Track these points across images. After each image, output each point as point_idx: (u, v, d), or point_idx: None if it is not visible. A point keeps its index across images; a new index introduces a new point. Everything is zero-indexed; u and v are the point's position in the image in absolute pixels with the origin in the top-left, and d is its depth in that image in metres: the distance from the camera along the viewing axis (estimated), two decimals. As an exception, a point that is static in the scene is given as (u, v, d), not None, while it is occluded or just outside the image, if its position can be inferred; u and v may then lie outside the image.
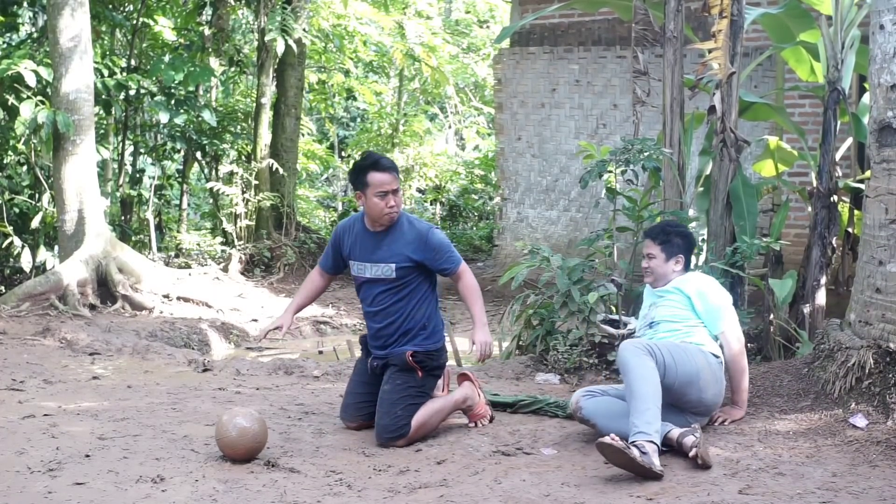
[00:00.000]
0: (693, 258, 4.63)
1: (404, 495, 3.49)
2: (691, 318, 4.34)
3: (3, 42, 10.93)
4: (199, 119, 10.99)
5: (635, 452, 3.58)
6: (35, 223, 9.06)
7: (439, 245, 4.44)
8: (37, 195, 9.57)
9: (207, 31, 11.23)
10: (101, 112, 10.25)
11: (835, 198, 6.23)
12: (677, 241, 4.47)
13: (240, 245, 11.00)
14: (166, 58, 10.74)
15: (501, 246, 10.69)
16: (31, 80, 8.30)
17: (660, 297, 4.46)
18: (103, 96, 9.60)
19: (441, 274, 4.51)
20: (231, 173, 11.36)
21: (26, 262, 9.08)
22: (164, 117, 10.21)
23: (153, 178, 11.66)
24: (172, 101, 10.27)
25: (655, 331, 4.36)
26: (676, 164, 6.24)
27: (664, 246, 4.46)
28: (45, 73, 8.36)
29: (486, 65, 15.95)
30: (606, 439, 3.63)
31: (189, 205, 13.39)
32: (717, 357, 4.28)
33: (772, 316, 6.03)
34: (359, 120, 17.91)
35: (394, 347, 4.42)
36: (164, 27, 11.62)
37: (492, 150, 14.96)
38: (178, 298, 8.51)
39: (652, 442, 3.71)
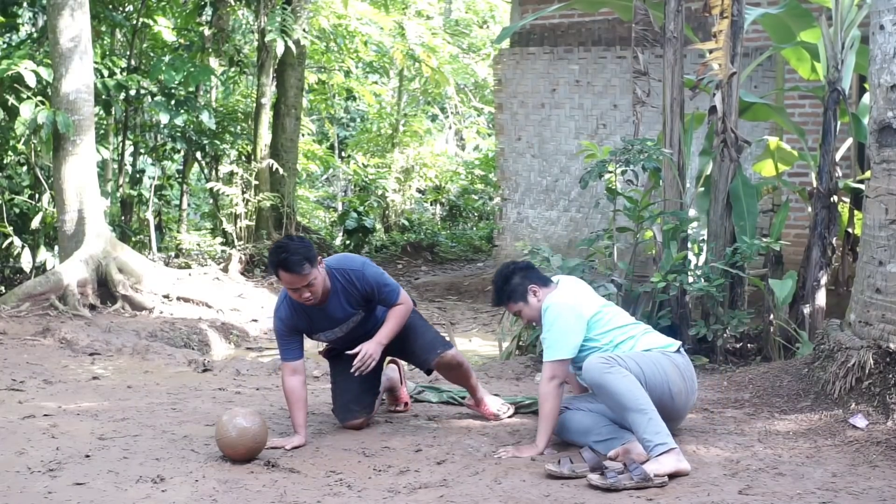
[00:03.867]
0: (539, 271, 4.39)
1: (404, 495, 3.49)
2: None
3: (3, 42, 10.93)
4: (199, 119, 11.00)
5: (594, 477, 3.53)
6: (35, 223, 9.07)
7: (377, 284, 4.36)
8: (37, 195, 9.57)
9: (207, 32, 11.24)
10: (101, 112, 10.25)
11: (835, 198, 6.23)
12: (514, 282, 4.23)
13: (240, 245, 11.00)
14: (166, 58, 10.74)
15: (501, 246, 10.69)
16: (31, 81, 8.31)
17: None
18: (103, 96, 9.61)
19: (384, 305, 4.44)
20: (231, 173, 11.37)
21: (26, 262, 9.09)
22: (164, 118, 10.21)
23: (153, 178, 11.67)
24: (172, 102, 10.28)
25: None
26: (676, 164, 6.24)
27: (513, 298, 4.25)
28: (45, 74, 8.36)
29: (486, 65, 15.96)
30: (552, 468, 3.65)
31: (189, 205, 13.40)
32: (678, 352, 4.10)
33: (772, 316, 6.03)
34: (359, 120, 17.91)
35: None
36: (164, 27, 11.62)
37: (492, 150, 14.97)
38: (178, 298, 8.50)
39: (672, 450, 3.68)
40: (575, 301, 4.14)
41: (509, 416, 4.52)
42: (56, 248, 8.82)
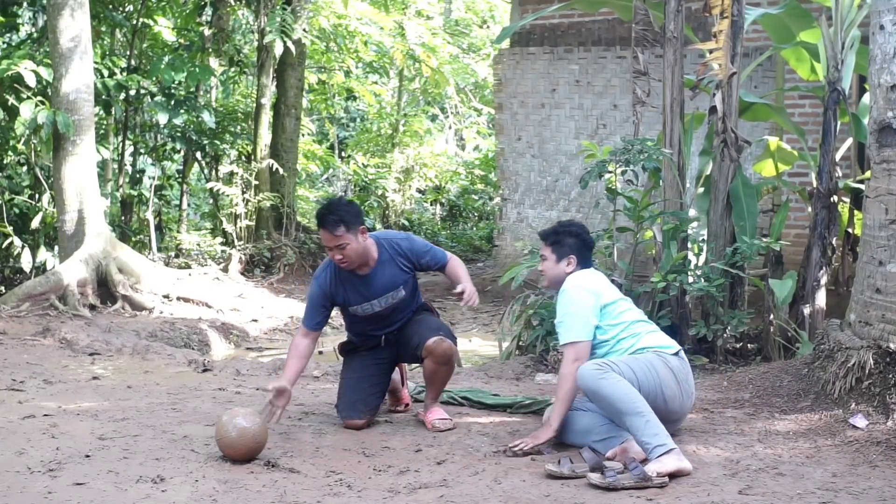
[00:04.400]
0: (591, 257, 4.44)
1: (404, 495, 3.49)
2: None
3: (3, 42, 10.93)
4: (199, 119, 10.99)
5: (594, 477, 3.54)
6: (35, 223, 9.07)
7: (424, 247, 4.55)
8: (37, 195, 9.57)
9: (207, 32, 11.24)
10: (101, 112, 10.25)
11: (835, 198, 6.23)
12: (569, 241, 4.28)
13: (240, 245, 11.00)
14: (166, 58, 10.74)
15: (501, 246, 10.69)
16: (31, 80, 8.30)
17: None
18: (103, 96, 9.61)
19: (432, 270, 4.65)
20: (231, 173, 11.37)
21: (26, 262, 9.08)
22: (163, 118, 10.21)
23: (153, 178, 11.67)
24: (172, 102, 10.27)
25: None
26: (676, 164, 6.24)
27: (555, 247, 4.29)
28: (45, 73, 8.36)
29: (486, 65, 15.96)
30: (552, 468, 3.66)
31: (189, 205, 13.39)
32: (676, 354, 4.10)
33: (772, 316, 6.03)
34: (359, 120, 17.91)
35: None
36: (164, 27, 11.62)
37: (492, 150, 14.96)
38: (178, 298, 8.51)
39: (672, 450, 3.68)
40: (593, 285, 4.18)
41: (446, 430, 4.41)
42: (56, 248, 8.82)
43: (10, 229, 9.01)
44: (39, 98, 8.32)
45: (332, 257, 4.34)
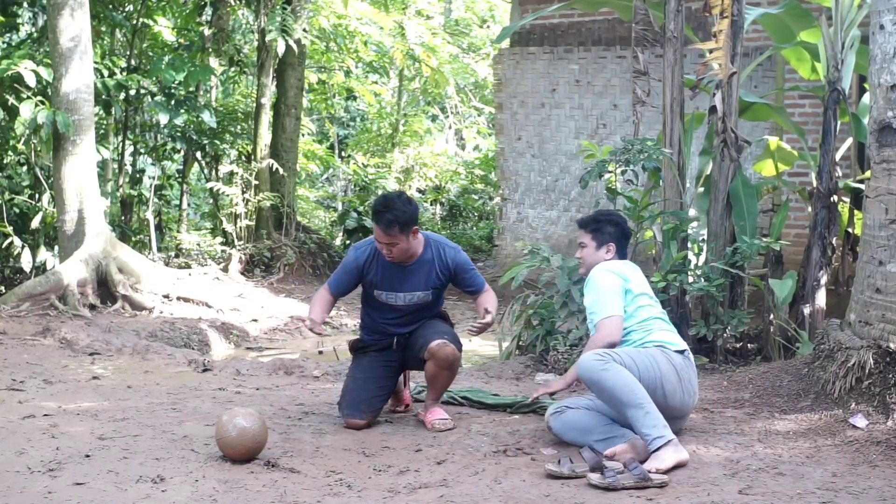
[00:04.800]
0: (627, 248, 4.51)
1: (404, 495, 3.49)
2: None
3: (3, 42, 10.93)
4: (199, 119, 10.99)
5: (594, 477, 3.54)
6: (35, 223, 9.07)
7: (466, 265, 4.62)
8: (37, 195, 9.57)
9: (207, 32, 11.23)
10: (101, 112, 10.25)
11: (835, 198, 6.23)
12: (608, 229, 4.35)
13: (240, 245, 11.00)
14: (166, 58, 10.74)
15: (501, 246, 10.69)
16: (31, 80, 8.30)
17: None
18: (103, 96, 9.61)
19: (465, 291, 4.73)
20: (231, 173, 11.36)
21: (26, 262, 9.08)
22: (163, 118, 10.21)
23: (153, 178, 11.67)
24: (172, 102, 10.27)
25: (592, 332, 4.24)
26: (676, 164, 6.24)
27: (595, 234, 4.36)
28: (45, 73, 8.36)
29: (486, 65, 15.96)
30: (552, 468, 3.66)
31: (189, 205, 13.39)
32: (681, 352, 4.11)
33: (772, 316, 6.03)
34: (359, 120, 17.91)
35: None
36: (164, 27, 11.62)
37: (492, 150, 14.97)
38: (178, 298, 8.50)
39: (669, 442, 3.71)
40: (619, 269, 4.23)
41: (448, 429, 4.43)
42: (56, 248, 8.82)
43: (10, 229, 9.01)
44: (39, 98, 8.32)
45: (379, 248, 4.40)
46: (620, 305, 4.12)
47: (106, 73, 9.59)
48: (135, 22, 10.97)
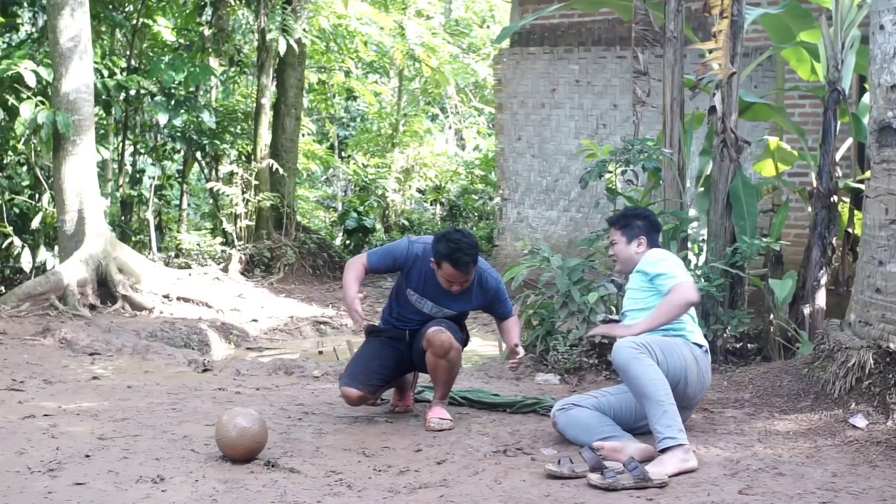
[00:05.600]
0: (659, 239, 4.58)
1: (404, 495, 3.49)
2: (654, 299, 4.23)
3: (3, 42, 10.93)
4: (199, 119, 10.99)
5: (594, 477, 3.55)
6: (35, 223, 9.07)
7: (503, 297, 4.68)
8: (37, 195, 9.57)
9: (207, 32, 11.23)
10: (101, 112, 10.25)
11: (835, 198, 6.23)
12: (637, 223, 4.43)
13: (240, 245, 11.00)
14: (166, 58, 10.74)
15: (501, 246, 10.69)
16: (31, 80, 8.30)
17: (628, 284, 4.45)
18: (103, 97, 9.61)
19: (494, 316, 4.78)
20: (231, 173, 11.36)
21: (26, 262, 9.08)
22: (163, 118, 10.21)
23: (153, 178, 11.67)
24: (172, 102, 10.27)
25: (626, 320, 4.33)
26: (676, 164, 6.24)
27: (624, 230, 4.44)
28: (45, 73, 8.36)
29: (486, 65, 15.96)
30: (552, 468, 3.66)
31: (189, 205, 13.39)
32: (701, 346, 4.21)
33: (772, 316, 6.03)
34: (359, 120, 17.91)
35: None
36: (164, 27, 11.62)
37: (492, 150, 14.97)
38: (178, 298, 8.50)
39: (680, 445, 3.72)
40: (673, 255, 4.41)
41: (445, 429, 4.44)
42: (56, 248, 8.82)
43: (10, 229, 9.01)
44: (39, 98, 8.32)
45: (448, 287, 4.46)
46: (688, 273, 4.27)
47: (106, 73, 9.59)
48: (135, 22, 10.97)
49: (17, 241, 8.99)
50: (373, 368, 4.58)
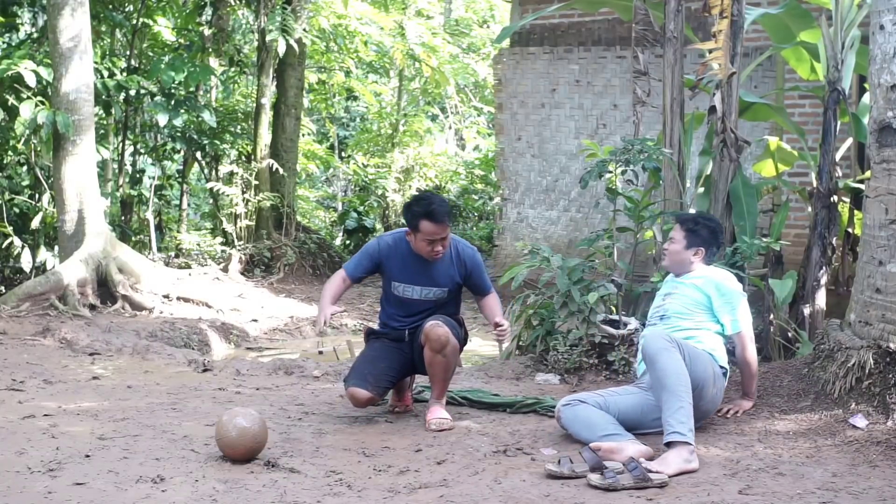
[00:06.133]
0: (716, 255, 4.69)
1: (404, 495, 3.49)
2: (703, 315, 4.36)
3: (3, 42, 10.93)
4: (199, 119, 10.99)
5: (594, 477, 3.55)
6: (35, 223, 9.07)
7: (480, 267, 4.73)
8: (37, 195, 9.57)
9: (207, 32, 11.23)
10: (101, 112, 10.25)
11: (835, 198, 6.23)
12: (703, 232, 4.49)
13: (240, 245, 11.00)
14: (166, 58, 10.74)
15: (501, 246, 10.69)
16: (31, 80, 8.31)
17: (675, 288, 4.49)
18: (103, 97, 9.61)
19: (473, 291, 4.79)
20: (231, 173, 11.37)
21: (26, 262, 9.09)
22: (163, 118, 10.21)
23: (153, 178, 11.67)
24: (172, 102, 10.27)
25: (665, 323, 4.37)
26: (676, 164, 6.24)
27: (688, 234, 4.49)
28: (45, 73, 8.36)
29: (486, 65, 15.95)
30: (552, 468, 3.67)
31: (189, 205, 13.39)
32: (723, 368, 4.32)
33: (772, 316, 6.03)
34: (359, 120, 17.91)
35: None
36: (164, 27, 11.62)
37: (492, 150, 14.96)
38: (178, 298, 8.51)
39: (686, 443, 3.74)
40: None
41: (445, 429, 4.43)
42: (56, 248, 8.82)
43: (10, 229, 9.01)
44: (39, 98, 8.33)
45: (432, 249, 4.48)
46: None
47: (106, 73, 9.59)
48: (135, 22, 10.97)
49: (17, 241, 9.00)
50: (381, 370, 4.57)
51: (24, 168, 9.87)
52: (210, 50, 11.27)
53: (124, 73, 10.10)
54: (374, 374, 4.54)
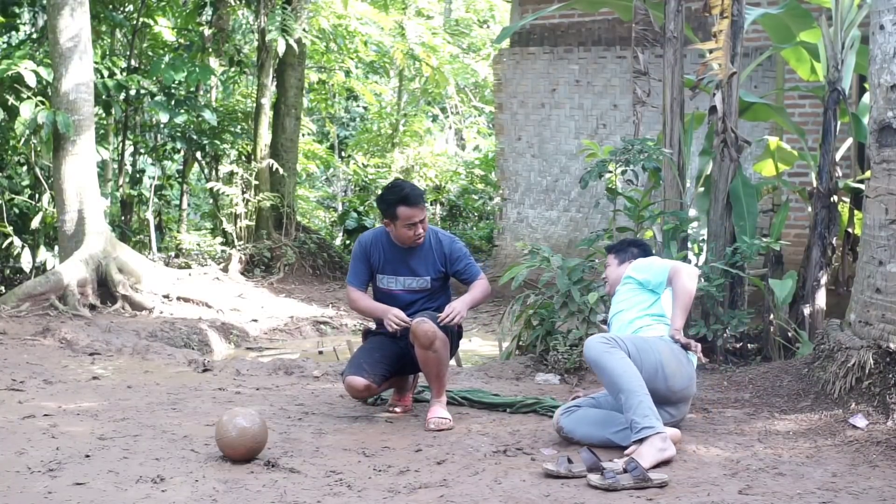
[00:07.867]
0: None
1: (404, 495, 3.49)
2: (639, 297, 4.35)
3: (3, 42, 10.94)
4: (200, 119, 11.00)
5: (594, 478, 3.55)
6: (35, 223, 9.07)
7: (462, 255, 4.76)
8: (37, 195, 9.57)
9: (207, 32, 11.24)
10: (101, 112, 10.25)
11: (835, 198, 6.23)
12: (632, 249, 4.66)
13: (240, 245, 11.00)
14: (166, 58, 10.74)
15: (501, 246, 10.69)
16: (31, 80, 8.31)
17: (613, 298, 4.56)
18: (103, 97, 9.61)
19: (460, 281, 4.80)
20: (231, 173, 11.37)
21: (26, 262, 9.09)
22: (163, 118, 10.21)
23: (153, 178, 11.67)
24: (172, 102, 10.28)
25: (616, 323, 4.40)
26: (676, 164, 6.24)
27: (618, 254, 4.67)
28: (45, 73, 8.36)
29: (486, 65, 15.95)
30: (551, 468, 3.67)
31: (189, 205, 13.40)
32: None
33: (772, 316, 6.03)
34: (359, 120, 17.91)
35: None
36: (164, 27, 11.62)
37: (492, 150, 14.96)
38: (178, 298, 8.51)
39: (658, 433, 3.76)
40: None
41: (444, 429, 4.43)
42: (56, 248, 8.82)
43: (10, 229, 9.01)
44: (39, 98, 8.33)
45: (413, 233, 4.56)
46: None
47: (106, 73, 9.59)
48: (135, 22, 10.98)
49: (17, 241, 9.00)
50: (376, 359, 4.61)
51: (24, 168, 9.87)
52: (210, 50, 11.27)
53: (124, 73, 10.10)
54: (369, 362, 4.58)
